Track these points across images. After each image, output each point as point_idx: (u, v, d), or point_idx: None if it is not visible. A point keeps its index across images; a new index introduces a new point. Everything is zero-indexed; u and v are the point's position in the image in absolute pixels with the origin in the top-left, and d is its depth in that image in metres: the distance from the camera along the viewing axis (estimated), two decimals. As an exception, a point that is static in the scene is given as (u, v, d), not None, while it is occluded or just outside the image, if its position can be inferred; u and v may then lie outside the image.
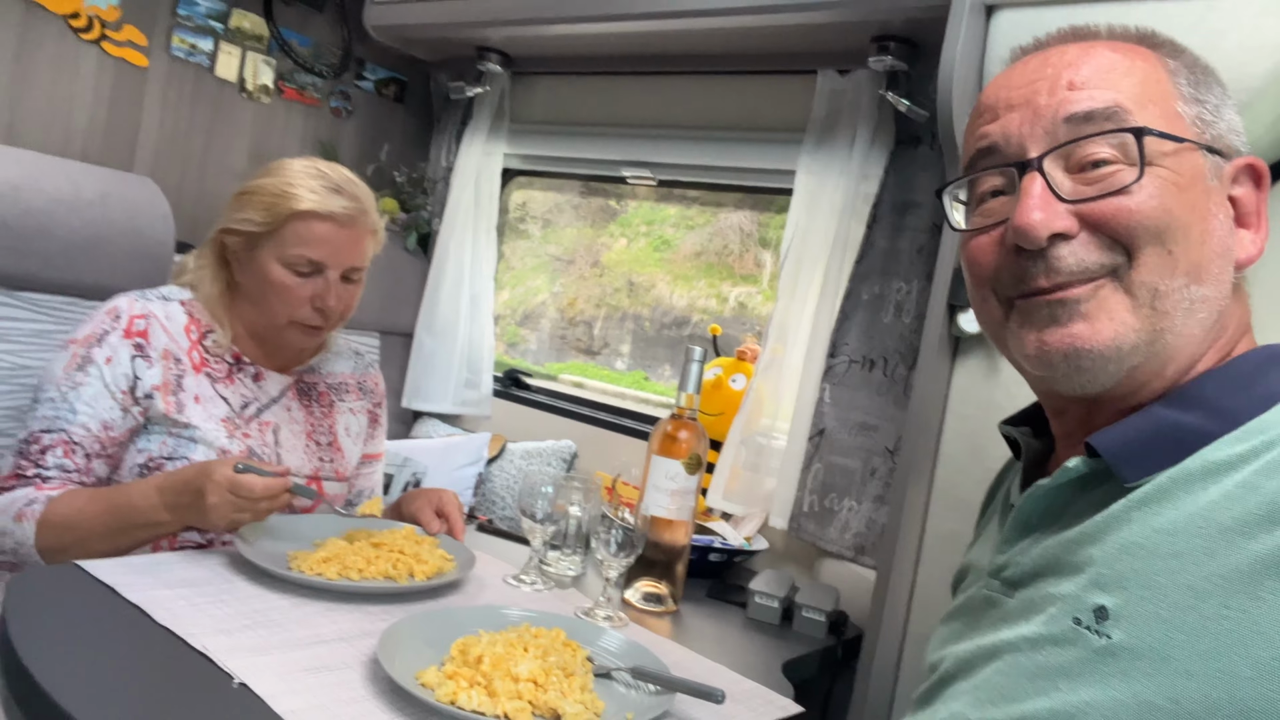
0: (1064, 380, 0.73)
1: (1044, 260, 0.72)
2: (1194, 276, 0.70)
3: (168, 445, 1.37)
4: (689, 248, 3.06)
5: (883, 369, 1.74)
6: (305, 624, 1.10)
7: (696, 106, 2.20)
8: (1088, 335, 0.71)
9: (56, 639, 0.96)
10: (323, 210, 1.39)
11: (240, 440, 1.41)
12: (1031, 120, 0.74)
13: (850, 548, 1.73)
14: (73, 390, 1.34)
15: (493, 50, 2.36)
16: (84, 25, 2.00)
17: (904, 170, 1.79)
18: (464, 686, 0.94)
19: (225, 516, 1.20)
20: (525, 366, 2.85)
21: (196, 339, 1.43)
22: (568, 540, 1.55)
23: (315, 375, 1.57)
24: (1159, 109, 0.72)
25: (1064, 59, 0.75)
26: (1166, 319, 0.70)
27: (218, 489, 1.18)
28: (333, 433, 1.56)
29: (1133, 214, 0.70)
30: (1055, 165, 0.73)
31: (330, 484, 1.54)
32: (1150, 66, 0.75)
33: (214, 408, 1.41)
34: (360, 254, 1.45)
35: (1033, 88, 0.75)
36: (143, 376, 1.37)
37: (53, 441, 1.32)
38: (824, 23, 1.74)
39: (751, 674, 1.25)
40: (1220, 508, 0.63)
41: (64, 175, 1.79)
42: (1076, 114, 0.72)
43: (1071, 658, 0.65)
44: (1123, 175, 0.71)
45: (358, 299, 1.50)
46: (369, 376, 1.67)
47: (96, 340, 1.37)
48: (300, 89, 2.43)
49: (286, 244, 1.39)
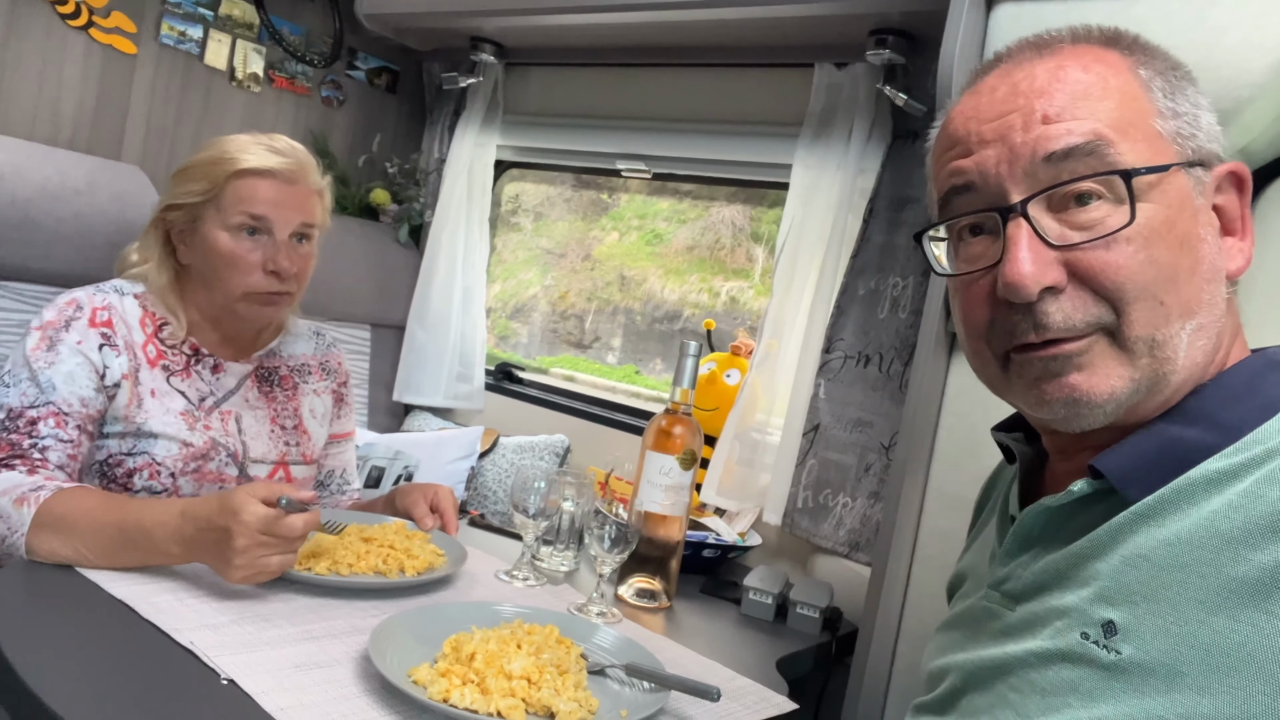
0: (1063, 423, 0.73)
1: (1032, 315, 0.70)
2: (1188, 313, 0.69)
3: (126, 442, 1.34)
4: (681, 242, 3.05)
5: (878, 365, 1.73)
6: (295, 620, 1.08)
7: (692, 99, 2.19)
8: (1085, 386, 0.69)
9: (40, 634, 0.95)
10: (261, 166, 1.37)
11: (201, 432, 1.38)
12: (1009, 160, 0.71)
13: (844, 544, 1.72)
14: (48, 368, 1.29)
15: (486, 40, 2.34)
16: (71, 11, 1.97)
17: (901, 165, 1.78)
18: (456, 684, 0.93)
19: (252, 564, 1.08)
20: (516, 360, 2.84)
21: (152, 332, 1.40)
22: (560, 536, 1.54)
23: (276, 359, 1.54)
24: (1139, 132, 0.70)
25: (1034, 85, 0.72)
26: (1168, 363, 0.69)
27: (247, 531, 1.06)
28: (298, 415, 1.54)
29: (1120, 270, 0.68)
30: (1039, 208, 0.70)
31: (297, 468, 1.51)
32: (1123, 81, 0.71)
33: (171, 402, 1.38)
34: (308, 212, 1.43)
35: (1005, 122, 0.72)
36: (111, 365, 1.33)
37: (40, 414, 1.27)
38: (821, 15, 1.73)
39: (745, 670, 1.25)
40: (1224, 518, 0.62)
41: (51, 164, 1.77)
42: (1056, 152, 0.69)
43: (1082, 674, 0.65)
44: (1110, 218, 0.68)
45: (313, 263, 1.47)
46: (331, 356, 1.64)
47: (63, 325, 1.33)
48: (291, 78, 2.40)
49: (228, 208, 1.37)
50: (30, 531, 1.13)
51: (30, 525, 1.13)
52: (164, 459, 1.34)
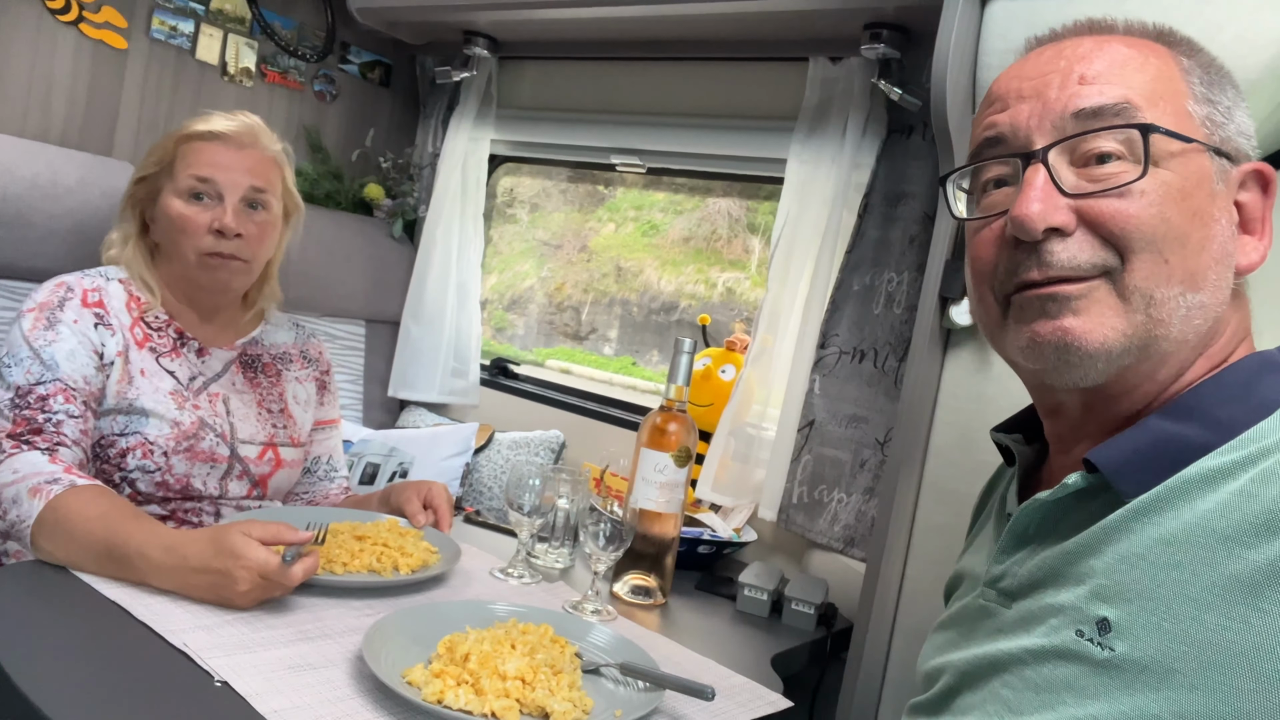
0: (1054, 374, 0.73)
1: (1037, 254, 0.72)
2: (1190, 284, 0.70)
3: (118, 422, 1.35)
4: (677, 233, 3.05)
5: (873, 360, 1.73)
6: (288, 620, 1.08)
7: (687, 93, 2.18)
8: (1078, 330, 0.70)
9: (32, 635, 0.94)
10: (207, 129, 1.42)
11: (191, 411, 1.40)
12: (1041, 113, 0.74)
13: (839, 540, 1.72)
14: (49, 345, 1.30)
15: (480, 34, 2.32)
16: (61, 6, 1.95)
17: (896, 160, 1.78)
18: (451, 685, 0.93)
19: (255, 600, 1.08)
20: (512, 352, 2.84)
21: (138, 315, 1.42)
22: (555, 533, 1.54)
23: (258, 347, 1.57)
24: (1169, 106, 0.72)
25: (1077, 51, 0.75)
26: (1161, 326, 0.70)
27: (249, 576, 1.06)
28: (283, 400, 1.56)
29: (1129, 219, 0.69)
30: (1060, 158, 0.73)
31: (286, 449, 1.53)
32: (1163, 63, 0.74)
33: (161, 381, 1.40)
34: (260, 176, 1.45)
35: (1044, 79, 0.75)
36: (106, 344, 1.36)
37: (49, 391, 1.27)
38: (816, 9, 1.72)
39: (741, 667, 1.25)
40: (1218, 516, 0.62)
41: (42, 160, 1.76)
42: (1085, 109, 0.72)
43: (1076, 671, 0.65)
44: (1125, 173, 0.70)
45: (271, 232, 1.49)
46: (311, 345, 1.67)
47: (58, 305, 1.35)
48: (283, 72, 2.39)
49: (179, 173, 1.42)
50: (34, 527, 1.14)
51: (34, 521, 1.14)
52: (156, 438, 1.36)
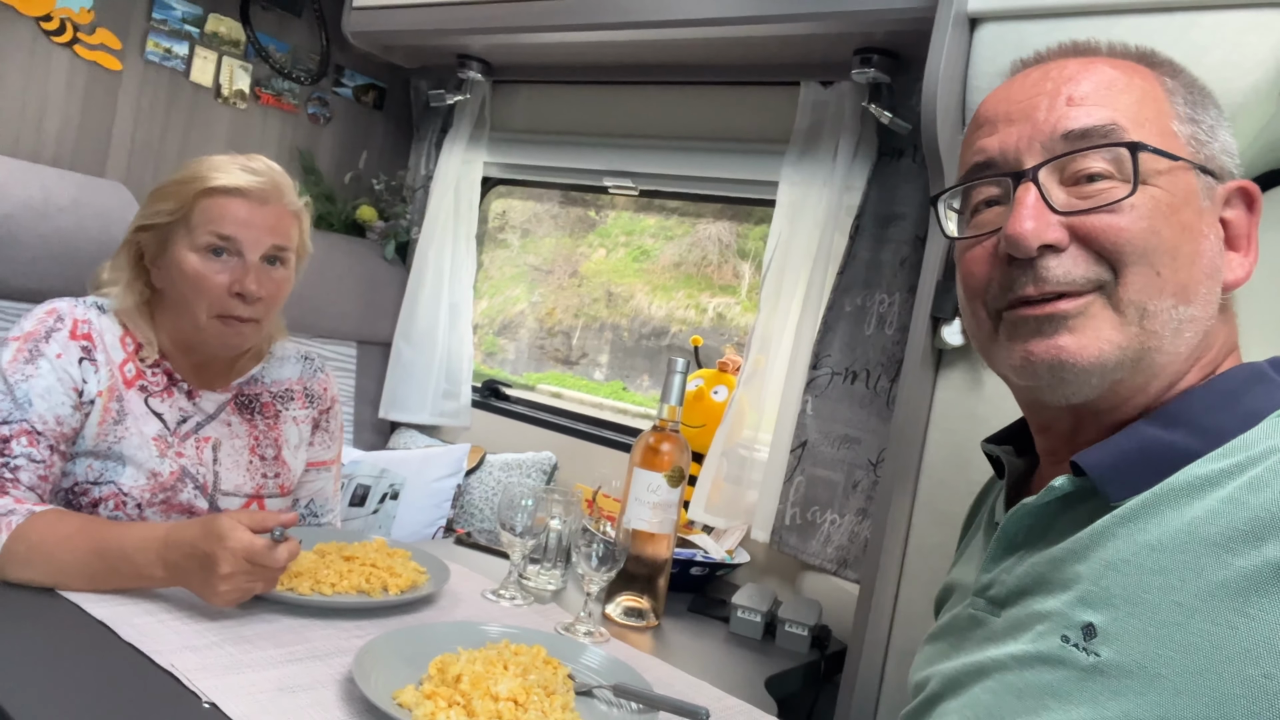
0: (1048, 391, 0.74)
1: (1032, 270, 0.72)
2: (1182, 297, 0.71)
3: (94, 469, 1.30)
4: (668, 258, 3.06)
5: (865, 381, 1.73)
6: (278, 641, 1.07)
7: (679, 116, 2.20)
8: (1073, 348, 0.71)
9: (17, 656, 0.93)
10: (231, 185, 1.32)
11: (173, 460, 1.34)
12: (1030, 134, 0.75)
13: (832, 561, 1.72)
14: (25, 382, 1.25)
15: (473, 58, 2.34)
16: (56, 28, 1.96)
17: (887, 182, 1.79)
18: (443, 706, 0.92)
19: (237, 588, 1.07)
20: (503, 377, 2.83)
21: (132, 351, 1.35)
22: (548, 554, 1.53)
23: (258, 386, 1.48)
24: (1155, 127, 0.73)
25: (1064, 73, 0.76)
26: (1154, 338, 0.71)
27: (233, 558, 1.05)
28: (278, 445, 1.47)
29: (1122, 232, 0.70)
30: (1050, 177, 0.74)
31: (273, 500, 1.46)
32: (1148, 84, 0.75)
33: (145, 425, 1.33)
34: (281, 233, 1.36)
35: (1032, 102, 0.76)
36: (89, 380, 1.29)
37: (13, 432, 1.23)
38: (807, 34, 1.74)
39: (734, 690, 1.24)
40: (1205, 523, 0.63)
41: (35, 181, 1.76)
42: (1074, 130, 0.73)
43: (1060, 677, 0.65)
44: (1116, 190, 0.71)
45: (287, 288, 1.40)
46: (317, 381, 1.56)
47: (43, 336, 1.29)
48: (277, 95, 2.40)
49: (197, 227, 1.31)
50: (2, 560, 1.11)
51: (1, 553, 1.11)
52: (130, 489, 1.30)
